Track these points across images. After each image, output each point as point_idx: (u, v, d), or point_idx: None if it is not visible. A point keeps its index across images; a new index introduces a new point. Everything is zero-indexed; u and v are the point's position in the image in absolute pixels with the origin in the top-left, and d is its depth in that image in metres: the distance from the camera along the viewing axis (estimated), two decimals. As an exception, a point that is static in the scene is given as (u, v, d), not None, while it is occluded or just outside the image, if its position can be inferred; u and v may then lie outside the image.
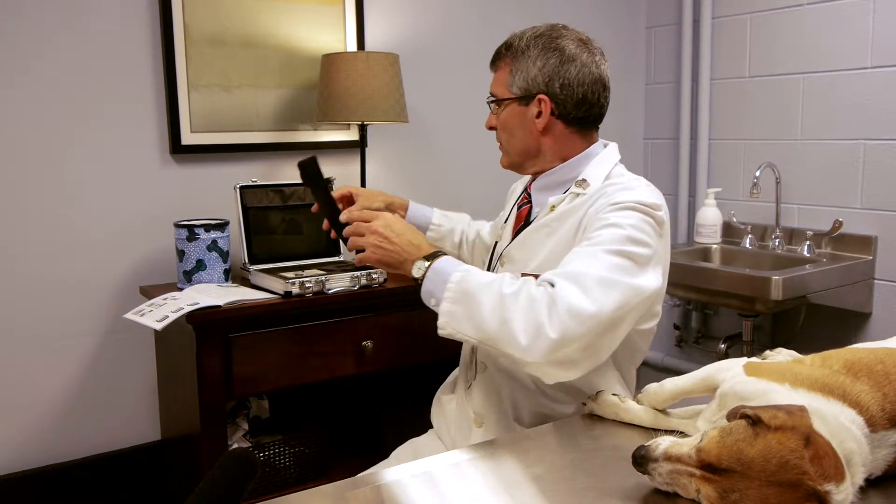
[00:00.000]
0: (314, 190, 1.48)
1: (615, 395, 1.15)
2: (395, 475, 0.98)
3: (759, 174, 2.57)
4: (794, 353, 1.16)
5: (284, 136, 2.40)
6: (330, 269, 2.10)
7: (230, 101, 2.29)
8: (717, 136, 2.97)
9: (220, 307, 1.86)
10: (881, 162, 2.47)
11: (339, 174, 2.46)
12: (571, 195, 1.42)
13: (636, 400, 1.13)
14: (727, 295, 2.48)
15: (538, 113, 1.43)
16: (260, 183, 2.18)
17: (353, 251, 1.38)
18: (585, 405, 1.18)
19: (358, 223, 1.36)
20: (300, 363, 2.00)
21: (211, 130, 2.27)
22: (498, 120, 1.49)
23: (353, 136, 2.51)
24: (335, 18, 2.44)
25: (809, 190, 2.67)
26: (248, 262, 2.12)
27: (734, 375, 0.96)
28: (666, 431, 1.02)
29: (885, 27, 2.43)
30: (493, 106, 1.50)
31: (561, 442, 1.08)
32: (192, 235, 2.02)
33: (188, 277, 2.04)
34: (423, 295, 1.27)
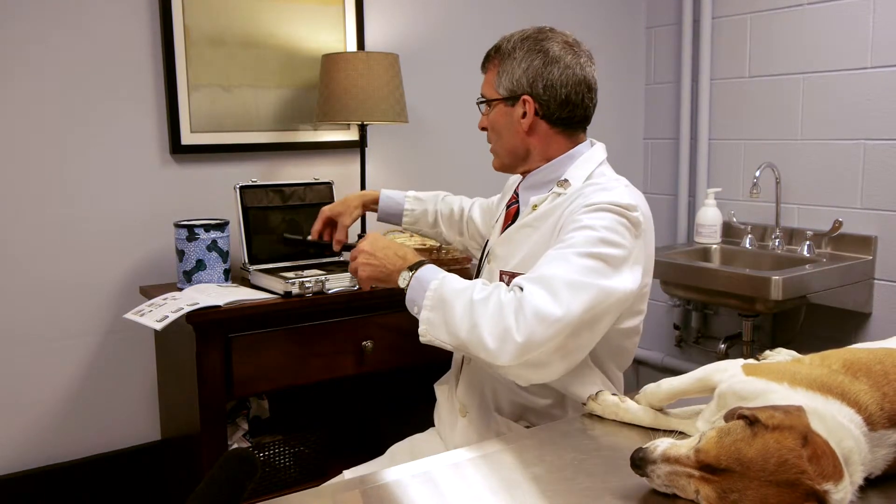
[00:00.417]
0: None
1: (615, 395, 1.15)
2: (394, 475, 0.98)
3: (758, 174, 2.57)
4: (793, 353, 1.16)
5: (284, 136, 2.40)
6: (330, 269, 2.10)
7: (230, 101, 2.29)
8: (717, 136, 2.97)
9: (219, 307, 1.86)
10: (881, 162, 2.47)
11: (339, 174, 2.46)
12: (553, 195, 1.45)
13: (635, 400, 1.13)
14: (727, 295, 2.48)
15: (523, 113, 1.47)
16: (260, 183, 2.18)
17: (360, 283, 1.46)
18: (585, 405, 1.18)
19: (353, 252, 1.45)
20: (300, 363, 2.00)
21: (211, 130, 2.27)
22: (487, 121, 1.54)
23: (353, 136, 2.51)
24: (335, 18, 2.44)
25: (809, 190, 2.67)
26: (247, 262, 2.12)
27: (732, 375, 0.96)
28: (666, 432, 1.03)
29: (885, 27, 2.43)
30: (482, 107, 1.56)
31: (561, 442, 1.08)
32: (192, 235, 2.02)
33: (188, 277, 2.04)
34: (407, 303, 1.32)
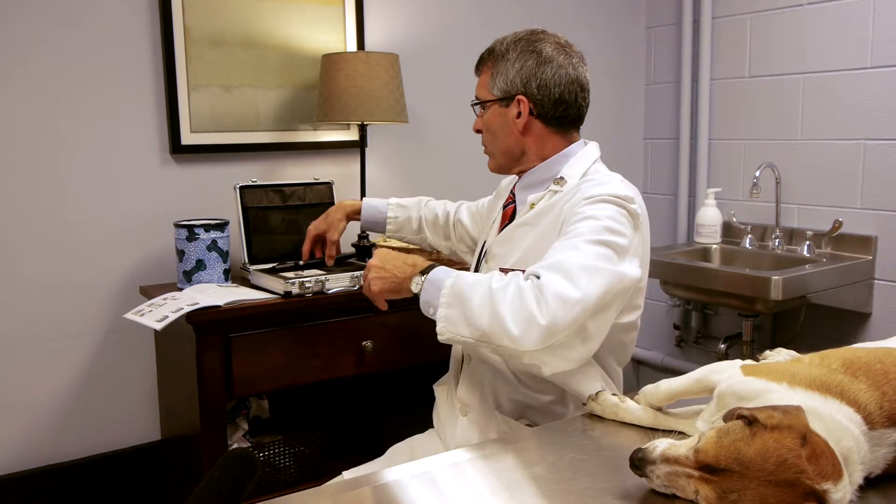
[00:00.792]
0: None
1: (615, 394, 1.15)
2: (394, 475, 0.98)
3: (758, 174, 2.57)
4: (793, 353, 1.16)
5: (284, 136, 2.40)
6: (329, 269, 2.10)
7: (230, 101, 2.29)
8: (717, 136, 2.97)
9: (219, 307, 1.86)
10: (881, 162, 2.48)
11: (339, 174, 2.46)
12: (550, 193, 1.48)
13: (634, 400, 1.13)
14: (727, 295, 2.48)
15: (518, 113, 1.49)
16: (260, 183, 2.18)
17: (374, 301, 1.45)
18: (585, 405, 1.18)
19: (364, 272, 1.44)
20: (300, 363, 2.00)
21: (211, 130, 2.27)
22: (482, 122, 1.57)
23: (352, 136, 2.51)
24: (335, 18, 2.44)
25: (809, 190, 2.67)
26: (247, 262, 2.13)
27: (731, 376, 0.96)
28: (665, 432, 1.03)
29: (885, 27, 2.43)
30: (477, 109, 1.58)
31: (561, 442, 1.08)
32: (191, 235, 2.02)
33: (188, 277, 2.04)
34: (421, 307, 1.32)
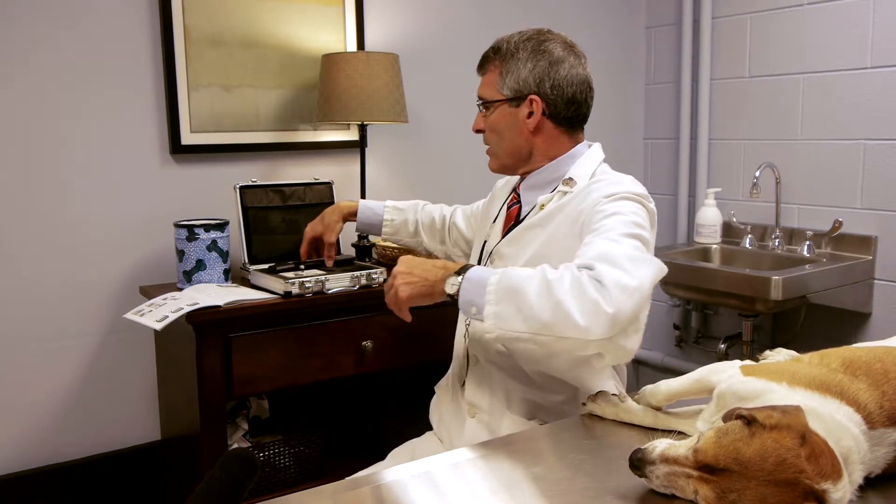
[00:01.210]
0: None
1: (615, 394, 1.16)
2: (394, 475, 0.98)
3: (758, 174, 2.57)
4: (793, 353, 1.16)
5: (284, 136, 2.40)
6: (329, 269, 2.10)
7: (230, 101, 2.29)
8: (716, 136, 2.97)
9: (219, 307, 1.86)
10: (881, 162, 2.48)
11: (339, 174, 2.46)
12: (559, 193, 1.48)
13: (634, 400, 1.13)
14: (727, 295, 2.48)
15: (529, 113, 1.49)
16: (260, 183, 2.18)
17: (399, 312, 1.37)
18: (585, 405, 1.18)
19: (389, 279, 1.38)
20: (300, 363, 2.00)
21: (211, 130, 2.27)
22: (486, 122, 1.54)
23: (352, 136, 2.52)
24: (335, 18, 2.44)
25: (809, 190, 2.68)
26: (247, 262, 2.13)
27: (731, 376, 0.96)
28: (666, 432, 1.03)
29: (884, 27, 2.43)
30: (481, 109, 1.56)
31: (561, 442, 1.08)
32: (191, 235, 2.02)
33: (188, 277, 2.04)
34: (462, 306, 1.27)
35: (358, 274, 2.06)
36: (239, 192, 2.13)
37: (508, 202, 1.61)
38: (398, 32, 2.59)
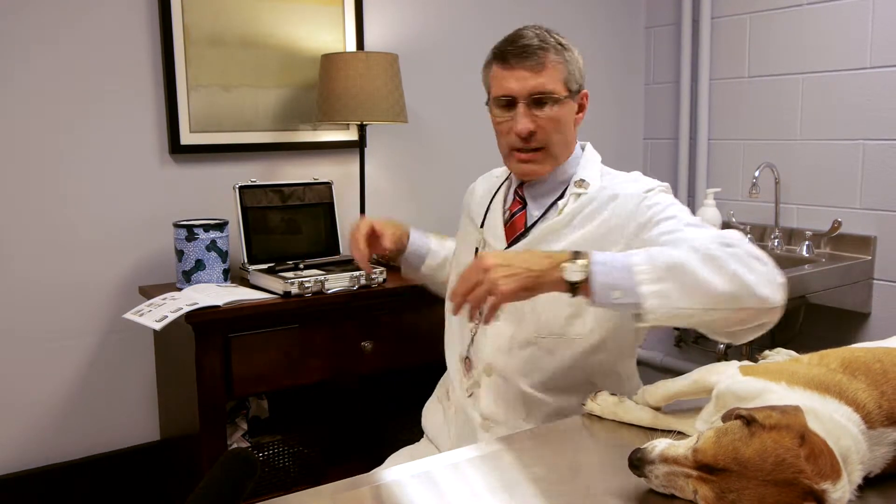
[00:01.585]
0: None
1: (614, 394, 1.16)
2: (394, 475, 0.98)
3: (758, 174, 2.57)
4: (792, 353, 1.16)
5: (284, 136, 2.40)
6: (329, 269, 2.10)
7: (229, 100, 2.29)
8: (716, 136, 2.97)
9: (219, 307, 1.86)
10: (880, 162, 2.48)
11: (338, 174, 2.46)
12: (573, 196, 1.43)
13: (633, 400, 1.13)
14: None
15: (578, 108, 1.47)
16: (259, 183, 2.18)
17: (476, 317, 1.23)
18: (584, 405, 1.18)
19: (463, 280, 1.18)
20: (299, 363, 2.00)
21: (210, 130, 2.27)
22: (545, 120, 1.41)
23: (352, 136, 2.51)
24: (334, 18, 2.44)
25: (809, 190, 2.68)
26: (247, 262, 2.13)
27: (730, 376, 0.96)
28: (665, 432, 1.03)
29: (884, 27, 2.43)
30: (543, 106, 1.41)
31: (560, 442, 1.08)
32: (191, 235, 2.02)
33: (187, 277, 2.04)
34: (599, 290, 1.14)
35: (357, 274, 2.06)
36: (238, 192, 2.13)
37: (510, 208, 1.51)
38: (398, 32, 2.59)
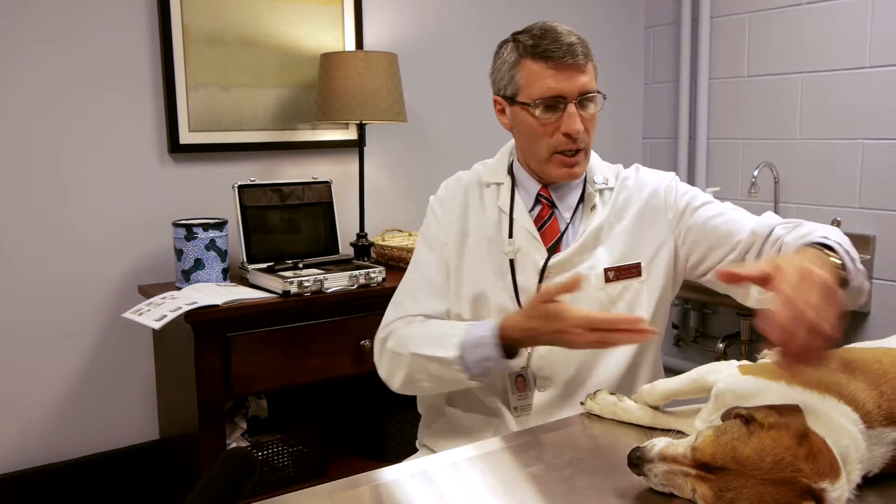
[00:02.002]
0: None
1: (613, 393, 1.15)
2: (393, 474, 0.98)
3: (757, 174, 2.57)
4: (791, 352, 1.16)
5: (283, 135, 2.40)
6: (328, 268, 2.10)
7: (228, 100, 2.29)
8: (715, 135, 2.97)
9: (218, 306, 1.86)
10: (879, 161, 2.48)
11: (337, 173, 2.46)
12: (597, 192, 1.41)
13: (632, 400, 1.13)
14: (725, 294, 2.47)
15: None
16: (258, 182, 2.18)
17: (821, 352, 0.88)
18: (583, 404, 1.18)
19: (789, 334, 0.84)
20: (298, 362, 2.00)
21: (209, 130, 2.27)
22: (589, 119, 1.36)
23: (351, 135, 2.51)
24: (334, 18, 2.44)
25: (808, 189, 2.68)
26: (246, 261, 2.12)
27: (729, 375, 0.96)
28: (664, 431, 1.03)
29: (883, 27, 2.43)
30: (587, 105, 1.35)
31: (559, 441, 1.08)
32: (190, 235, 2.02)
33: (186, 277, 2.04)
34: (852, 274, 1.11)
35: (356, 273, 2.06)
36: (237, 191, 2.13)
37: (540, 213, 1.41)
38: (397, 32, 2.59)
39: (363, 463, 1.81)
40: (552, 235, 1.40)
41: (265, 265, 2.11)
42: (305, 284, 1.97)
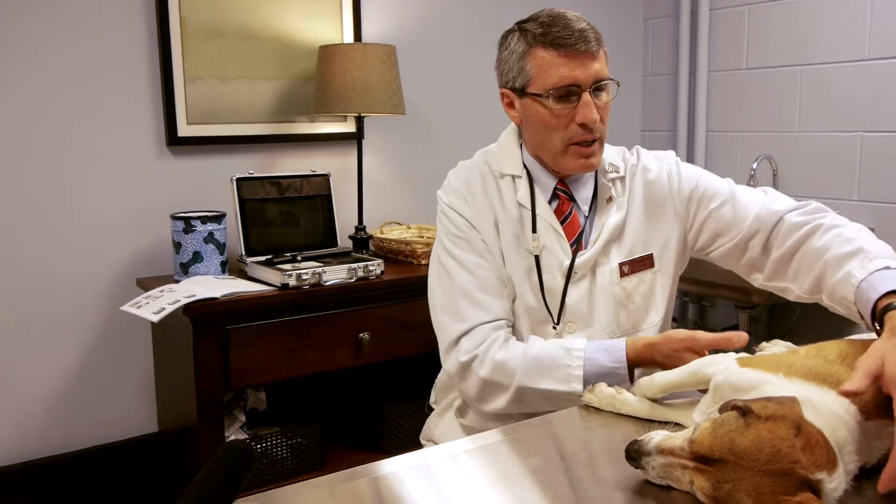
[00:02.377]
0: None
1: (611, 386, 1.15)
2: (391, 467, 0.98)
3: (756, 166, 2.57)
4: (790, 344, 1.16)
5: (281, 127, 2.39)
6: (326, 261, 2.10)
7: (227, 92, 2.29)
8: (714, 128, 2.96)
9: (216, 299, 1.86)
10: (878, 154, 2.48)
11: (335, 166, 2.46)
12: (610, 182, 1.40)
13: (630, 392, 1.13)
14: (723, 287, 2.48)
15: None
16: (256, 175, 2.18)
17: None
18: (582, 396, 1.18)
19: None
20: (297, 355, 2.00)
21: (207, 122, 2.26)
22: (603, 107, 1.36)
23: (349, 127, 2.51)
24: (332, 10, 2.43)
25: (807, 182, 2.68)
26: (244, 254, 2.12)
27: (727, 367, 0.96)
28: (662, 423, 1.03)
29: (882, 19, 2.42)
30: (601, 93, 1.36)
31: (557, 434, 1.08)
32: (188, 227, 2.02)
33: (185, 269, 2.04)
34: None
35: (355, 266, 2.06)
36: (236, 183, 2.13)
37: (560, 207, 1.37)
38: (395, 24, 2.58)
39: (362, 455, 1.82)
40: (573, 231, 1.35)
41: (263, 258, 2.11)
42: (304, 277, 1.97)
